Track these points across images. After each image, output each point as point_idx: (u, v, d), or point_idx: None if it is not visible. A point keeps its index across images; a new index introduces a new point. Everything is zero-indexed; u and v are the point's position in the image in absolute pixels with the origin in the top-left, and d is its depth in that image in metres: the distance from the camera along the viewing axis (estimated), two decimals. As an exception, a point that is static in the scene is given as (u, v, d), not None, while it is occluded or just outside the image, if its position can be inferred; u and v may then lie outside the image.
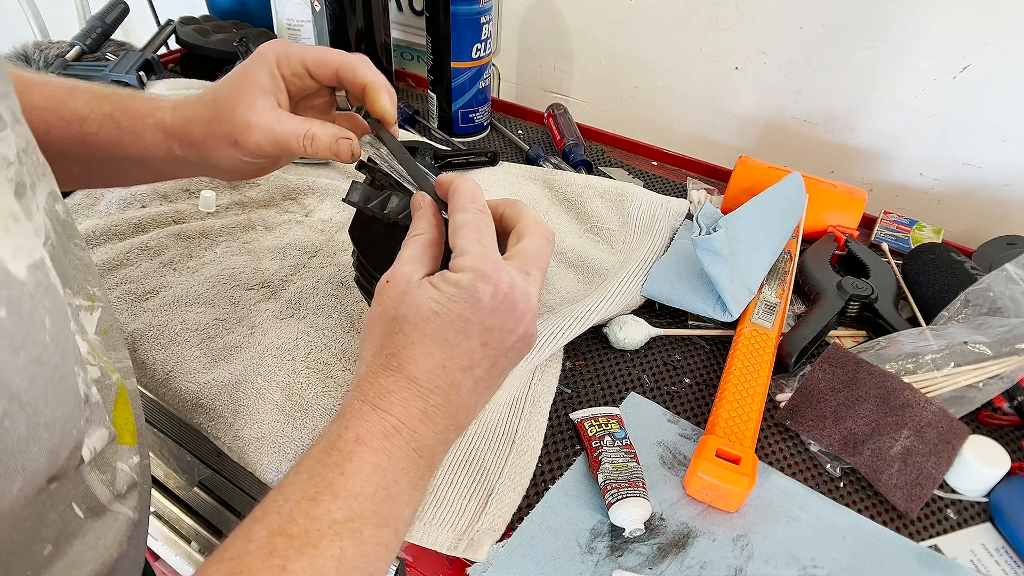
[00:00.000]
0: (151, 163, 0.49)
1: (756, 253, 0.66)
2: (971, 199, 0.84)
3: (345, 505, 0.31)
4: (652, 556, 0.46)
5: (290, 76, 0.45)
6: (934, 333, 0.60)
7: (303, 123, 0.44)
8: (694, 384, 0.61)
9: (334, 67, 0.44)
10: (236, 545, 0.29)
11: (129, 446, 0.37)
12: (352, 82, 0.45)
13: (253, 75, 0.44)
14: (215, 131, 0.45)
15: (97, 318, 0.37)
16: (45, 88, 0.46)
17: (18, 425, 0.23)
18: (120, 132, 0.46)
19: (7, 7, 1.45)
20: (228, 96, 0.44)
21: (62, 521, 0.31)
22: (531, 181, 0.84)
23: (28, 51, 0.95)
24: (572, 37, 1.05)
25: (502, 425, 0.54)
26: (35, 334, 0.25)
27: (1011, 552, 0.49)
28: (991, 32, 0.74)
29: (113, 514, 0.35)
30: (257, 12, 1.13)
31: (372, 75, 0.45)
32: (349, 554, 0.30)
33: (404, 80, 1.14)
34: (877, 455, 0.52)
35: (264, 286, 0.65)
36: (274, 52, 0.44)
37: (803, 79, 0.89)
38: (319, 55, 0.45)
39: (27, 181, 0.29)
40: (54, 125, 0.46)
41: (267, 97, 0.44)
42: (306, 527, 0.30)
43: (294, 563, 0.29)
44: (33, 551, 0.30)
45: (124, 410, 0.37)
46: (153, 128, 0.46)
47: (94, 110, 0.46)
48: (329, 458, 0.33)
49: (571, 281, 0.70)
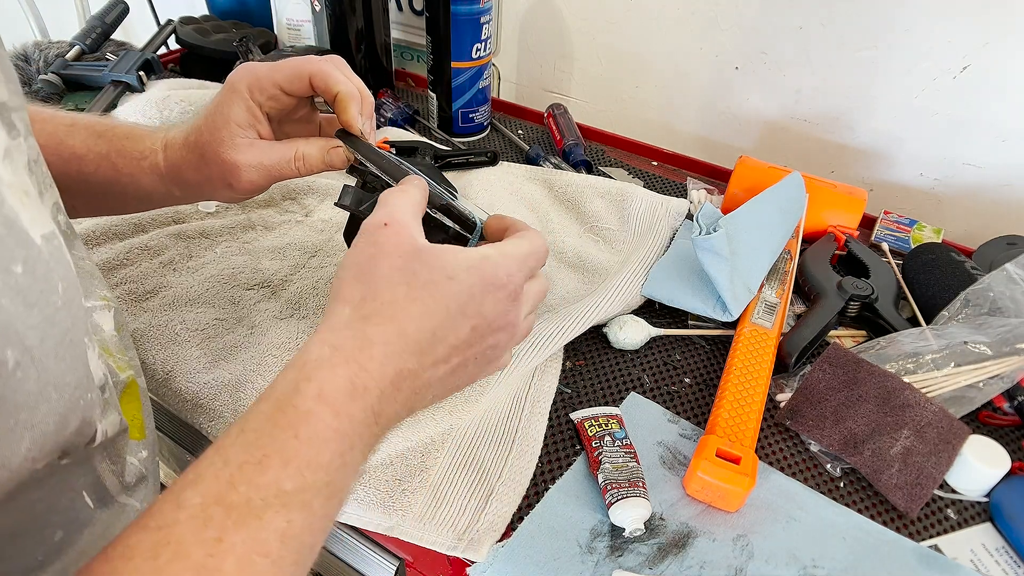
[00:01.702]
0: (152, 200, 0.49)
1: (756, 253, 0.66)
2: (971, 199, 0.84)
3: (296, 474, 0.27)
4: (652, 556, 0.46)
5: (266, 101, 0.44)
6: (934, 333, 0.60)
7: (289, 148, 0.44)
8: (694, 384, 0.61)
9: (306, 77, 0.44)
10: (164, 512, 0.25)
11: (138, 440, 0.37)
12: (325, 91, 0.44)
13: (228, 112, 0.43)
14: (206, 174, 0.45)
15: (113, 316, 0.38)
16: (47, 124, 0.46)
17: (29, 379, 0.23)
18: (117, 173, 0.47)
19: (7, 7, 1.45)
20: (209, 140, 0.44)
21: (72, 508, 0.31)
22: (531, 181, 0.84)
23: (28, 51, 0.95)
24: (572, 37, 1.05)
25: (502, 425, 0.54)
26: (48, 295, 0.25)
27: (1011, 552, 0.49)
28: (991, 32, 0.74)
29: (121, 505, 0.35)
30: (257, 12, 1.13)
31: (344, 84, 0.44)
32: (296, 528, 0.27)
33: (404, 80, 1.14)
34: (877, 455, 0.52)
35: (264, 286, 0.65)
36: (245, 82, 0.43)
37: (803, 79, 0.89)
38: (291, 71, 0.44)
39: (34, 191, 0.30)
40: (53, 163, 0.45)
41: (246, 132, 0.44)
42: (248, 496, 0.26)
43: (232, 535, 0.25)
44: (44, 536, 0.30)
45: (134, 405, 0.38)
46: (149, 172, 0.46)
47: (91, 149, 0.46)
48: (283, 416, 0.28)
49: (571, 281, 0.70)
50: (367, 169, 0.44)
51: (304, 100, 0.47)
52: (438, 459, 0.50)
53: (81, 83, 0.93)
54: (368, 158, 0.44)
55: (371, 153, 0.44)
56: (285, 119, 0.48)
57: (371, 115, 0.46)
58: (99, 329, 0.36)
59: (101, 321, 0.36)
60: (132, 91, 0.90)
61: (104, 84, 0.90)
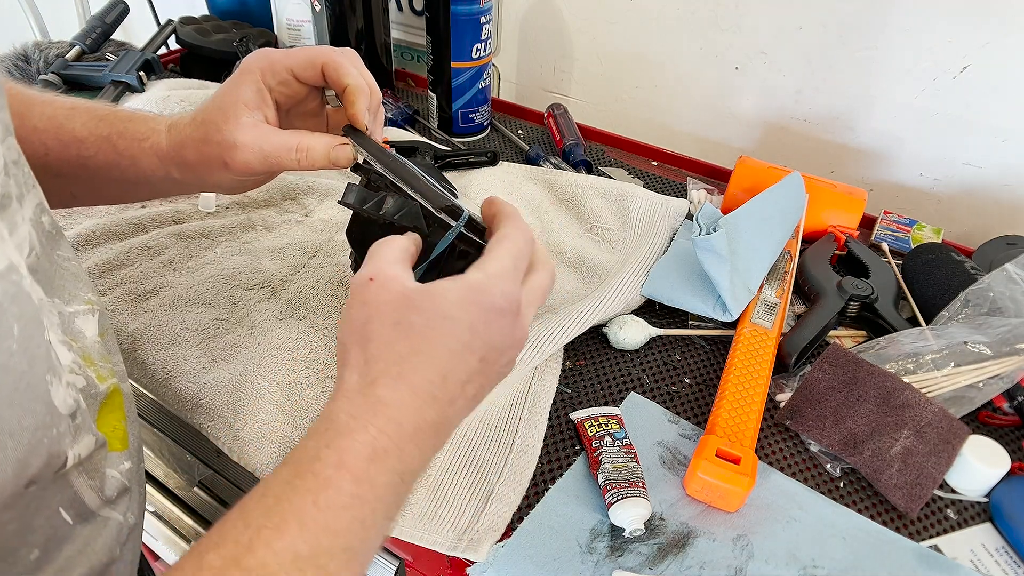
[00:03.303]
0: (150, 184, 0.48)
1: (756, 253, 0.66)
2: (971, 199, 0.84)
3: (313, 539, 0.28)
4: (652, 556, 0.46)
5: (277, 86, 0.44)
6: (934, 333, 0.60)
7: (293, 137, 0.44)
8: (694, 384, 0.61)
9: (319, 66, 0.44)
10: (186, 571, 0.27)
11: (119, 452, 0.36)
12: (335, 81, 0.44)
13: (238, 91, 0.43)
14: (206, 154, 0.44)
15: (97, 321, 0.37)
16: (47, 108, 0.46)
17: None
18: (117, 155, 0.46)
19: (7, 7, 1.45)
20: (215, 117, 0.43)
21: (50, 526, 0.30)
22: (531, 181, 0.84)
23: (28, 51, 0.95)
24: (572, 37, 1.05)
25: (502, 425, 0.54)
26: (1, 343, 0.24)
27: (1011, 552, 0.49)
28: (991, 32, 0.74)
29: (103, 519, 0.34)
30: (257, 12, 1.13)
31: (354, 77, 0.44)
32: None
33: (404, 80, 1.14)
34: (877, 455, 0.52)
35: (264, 286, 0.65)
36: (258, 65, 0.43)
37: (803, 79, 0.89)
38: (305, 58, 0.44)
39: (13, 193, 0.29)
40: (52, 147, 0.45)
41: (252, 114, 0.43)
42: (264, 560, 0.27)
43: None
44: (19, 556, 0.29)
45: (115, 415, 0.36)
46: (149, 152, 0.46)
47: (92, 132, 0.46)
48: (303, 482, 0.29)
49: (571, 281, 0.70)
50: (372, 167, 0.44)
51: (315, 92, 0.47)
52: (438, 459, 0.50)
53: (81, 83, 0.93)
54: (374, 155, 0.44)
55: (377, 151, 0.44)
56: (294, 110, 0.47)
57: (378, 112, 0.46)
58: (80, 335, 0.34)
59: (84, 326, 0.35)
60: (132, 91, 0.90)
61: (104, 84, 0.90)
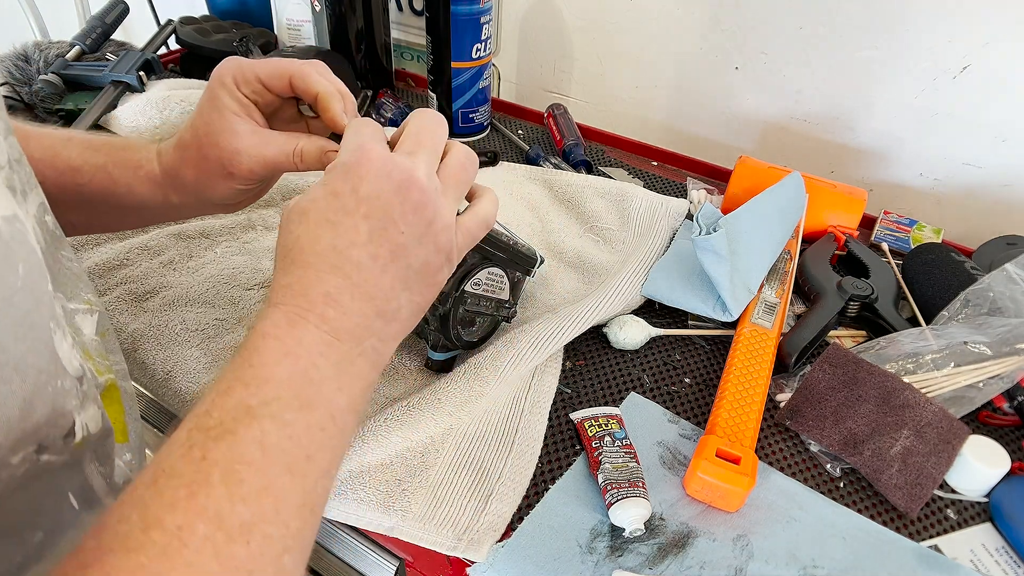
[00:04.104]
0: (149, 211, 0.49)
1: (756, 253, 0.66)
2: (971, 199, 0.84)
3: (257, 391, 0.31)
4: (652, 556, 0.46)
5: (250, 94, 0.44)
6: (934, 333, 0.60)
7: (289, 140, 0.44)
8: (694, 384, 0.61)
9: (287, 77, 0.44)
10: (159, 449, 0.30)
11: (122, 443, 0.37)
12: (304, 91, 0.44)
13: (219, 102, 0.43)
14: (206, 170, 0.45)
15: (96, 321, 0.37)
16: (44, 139, 0.46)
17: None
18: (113, 183, 0.47)
19: (7, 7, 1.45)
20: (207, 132, 0.44)
21: (57, 510, 0.31)
22: (531, 181, 0.84)
23: (28, 51, 0.95)
24: (572, 37, 1.05)
25: (502, 425, 0.54)
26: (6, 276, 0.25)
27: (1011, 552, 0.49)
28: (991, 32, 0.74)
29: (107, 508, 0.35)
30: (257, 12, 1.13)
31: (323, 84, 0.44)
32: (272, 437, 0.30)
33: (404, 80, 1.14)
34: (877, 455, 0.52)
35: (264, 286, 0.65)
36: (230, 73, 0.43)
37: (803, 79, 0.89)
38: (273, 67, 0.44)
39: (17, 187, 0.30)
40: (48, 175, 0.45)
41: (243, 120, 0.44)
42: (220, 418, 0.30)
43: (213, 451, 0.29)
44: (25, 537, 0.30)
45: (115, 408, 0.37)
46: (145, 180, 0.46)
47: (87, 161, 0.46)
48: (239, 357, 0.33)
49: (571, 281, 0.70)
50: None
51: (289, 102, 0.47)
52: (438, 459, 0.50)
53: (81, 83, 0.93)
54: None
55: None
56: (272, 118, 0.48)
57: (355, 114, 0.46)
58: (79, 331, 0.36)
59: (82, 324, 0.36)
60: (132, 91, 0.90)
61: (104, 84, 0.90)
